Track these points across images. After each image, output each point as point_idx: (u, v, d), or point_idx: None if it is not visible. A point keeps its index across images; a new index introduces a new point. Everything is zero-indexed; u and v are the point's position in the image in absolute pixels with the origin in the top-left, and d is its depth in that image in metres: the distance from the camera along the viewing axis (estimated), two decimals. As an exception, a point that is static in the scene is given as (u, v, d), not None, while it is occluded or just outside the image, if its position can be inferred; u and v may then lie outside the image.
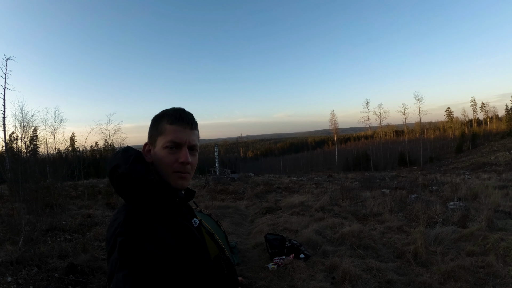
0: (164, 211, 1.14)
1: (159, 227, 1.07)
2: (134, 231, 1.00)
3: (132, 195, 1.11)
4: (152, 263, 0.96)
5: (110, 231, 1.06)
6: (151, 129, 1.24)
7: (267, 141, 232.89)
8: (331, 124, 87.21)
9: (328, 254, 6.19)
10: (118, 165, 1.13)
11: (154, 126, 1.23)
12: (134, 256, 0.94)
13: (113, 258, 0.96)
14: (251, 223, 10.31)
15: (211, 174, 31.23)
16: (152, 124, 1.25)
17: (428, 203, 10.25)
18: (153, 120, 1.25)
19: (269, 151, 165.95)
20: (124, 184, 1.12)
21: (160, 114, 1.25)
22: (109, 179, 1.17)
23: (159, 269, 0.97)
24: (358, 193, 14.24)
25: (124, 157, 1.16)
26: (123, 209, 1.11)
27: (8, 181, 10.60)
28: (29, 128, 23.06)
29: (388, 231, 7.68)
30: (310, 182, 23.08)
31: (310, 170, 71.43)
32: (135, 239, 0.98)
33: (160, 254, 0.99)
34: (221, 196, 17.21)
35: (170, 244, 1.06)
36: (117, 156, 1.18)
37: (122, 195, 1.15)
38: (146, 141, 1.26)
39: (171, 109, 1.24)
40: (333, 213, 10.05)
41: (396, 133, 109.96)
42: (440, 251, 5.91)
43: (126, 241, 0.97)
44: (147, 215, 1.08)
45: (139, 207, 1.10)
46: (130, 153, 1.18)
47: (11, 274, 5.76)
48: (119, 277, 0.91)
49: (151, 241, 1.00)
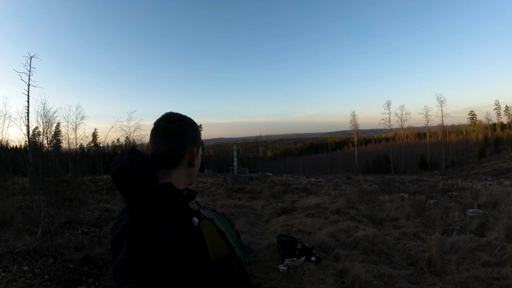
0: (168, 212, 1.15)
1: (164, 229, 1.08)
2: (141, 234, 1.01)
3: (138, 197, 1.12)
4: (160, 268, 0.97)
5: (116, 232, 1.06)
6: (197, 136, 1.35)
7: (286, 141, 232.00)
8: (351, 125, 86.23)
9: (340, 258, 6.14)
10: (124, 166, 1.13)
11: (198, 135, 1.35)
12: (143, 262, 0.95)
13: (119, 260, 0.96)
14: (266, 223, 10.31)
15: (229, 173, 31.31)
16: (198, 132, 1.35)
17: (447, 209, 10.05)
18: (196, 128, 1.36)
19: (288, 151, 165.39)
20: (130, 186, 1.12)
21: (195, 123, 1.37)
22: (113, 180, 1.18)
23: (167, 273, 0.98)
24: (376, 196, 14.07)
25: (131, 158, 1.16)
26: (128, 210, 1.12)
27: (29, 175, 10.86)
28: (51, 124, 23.65)
29: (403, 237, 7.56)
30: (328, 184, 22.89)
31: (329, 171, 70.90)
32: (143, 243, 0.99)
33: (166, 258, 1.00)
34: (238, 195, 17.29)
35: (175, 246, 1.07)
36: (123, 157, 1.18)
37: (127, 196, 1.15)
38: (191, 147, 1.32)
39: (192, 119, 1.36)
40: (348, 216, 9.95)
41: (417, 135, 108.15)
42: (455, 260, 5.77)
43: (133, 244, 0.98)
44: (153, 216, 1.09)
45: (144, 208, 1.10)
46: (137, 155, 1.19)
47: (28, 264, 5.97)
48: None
49: (158, 245, 1.01)
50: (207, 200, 14.07)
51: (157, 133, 1.26)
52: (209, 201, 13.95)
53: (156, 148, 1.24)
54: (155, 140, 1.25)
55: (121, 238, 1.01)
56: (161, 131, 1.25)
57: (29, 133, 26.50)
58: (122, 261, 0.95)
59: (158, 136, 1.25)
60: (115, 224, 1.11)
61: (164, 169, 1.26)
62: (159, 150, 1.24)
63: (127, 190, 1.14)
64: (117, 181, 1.16)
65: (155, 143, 1.25)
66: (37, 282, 5.32)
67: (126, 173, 1.12)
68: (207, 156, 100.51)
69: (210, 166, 70.04)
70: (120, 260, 0.96)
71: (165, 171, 1.25)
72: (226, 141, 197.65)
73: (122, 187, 1.15)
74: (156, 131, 1.26)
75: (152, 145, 1.26)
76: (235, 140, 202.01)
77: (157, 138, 1.25)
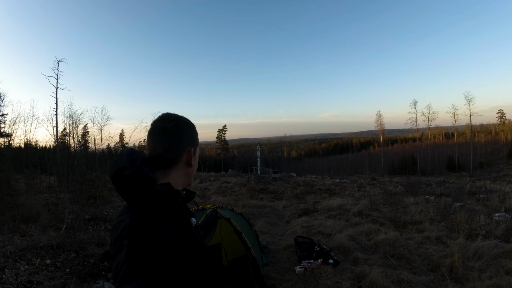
0: (167, 212, 1.15)
1: (164, 229, 1.08)
2: (142, 235, 1.02)
3: (137, 197, 1.12)
4: (160, 268, 0.97)
5: (116, 233, 1.07)
6: (194, 136, 1.35)
7: (311, 141, 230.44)
8: (377, 125, 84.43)
9: (358, 262, 6.05)
10: (123, 167, 1.13)
11: (195, 135, 1.36)
12: (144, 263, 0.96)
13: (120, 260, 0.97)
14: (286, 224, 10.28)
15: (253, 173, 31.37)
16: (195, 133, 1.36)
17: (473, 213, 9.74)
18: (194, 128, 1.37)
19: (313, 151, 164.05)
20: (130, 187, 1.12)
21: (192, 123, 1.37)
22: (112, 181, 1.18)
23: (167, 274, 0.99)
24: (400, 198, 13.80)
25: (130, 159, 1.16)
26: (127, 211, 1.12)
27: (54, 173, 11.18)
28: (77, 125, 24.59)
29: (426, 241, 7.38)
30: (352, 185, 22.62)
31: (354, 172, 70.04)
32: (143, 244, 0.99)
33: (166, 258, 1.01)
34: (260, 195, 17.28)
35: (174, 247, 1.08)
36: (122, 158, 1.18)
37: (126, 197, 1.16)
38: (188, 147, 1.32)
39: (189, 119, 1.36)
40: (370, 218, 9.79)
41: (445, 135, 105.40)
42: (478, 267, 5.57)
43: (134, 245, 0.99)
44: (153, 217, 1.09)
45: (144, 209, 1.11)
46: (136, 156, 1.19)
47: (51, 257, 6.21)
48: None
49: (158, 246, 1.01)
50: (229, 200, 14.13)
51: (154, 134, 1.26)
52: (231, 201, 14.02)
53: (153, 149, 1.25)
54: (152, 141, 1.26)
55: (121, 239, 1.02)
56: (158, 131, 1.26)
57: (58, 134, 27.40)
58: (122, 262, 0.96)
59: (155, 137, 1.25)
60: (114, 225, 1.12)
61: (163, 170, 1.26)
62: (156, 150, 1.24)
63: (126, 191, 1.14)
64: (116, 182, 1.16)
65: (152, 143, 1.25)
66: (58, 275, 5.52)
67: (125, 174, 1.12)
68: (231, 156, 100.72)
69: (234, 166, 70.27)
70: (121, 261, 0.96)
71: (163, 171, 1.26)
72: (251, 142, 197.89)
73: (121, 188, 1.15)
74: (153, 131, 1.27)
75: (150, 145, 1.26)
76: (259, 141, 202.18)
77: (154, 138, 1.25)
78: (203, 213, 5.29)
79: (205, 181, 25.39)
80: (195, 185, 21.08)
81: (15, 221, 8.56)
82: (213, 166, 73.61)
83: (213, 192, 18.11)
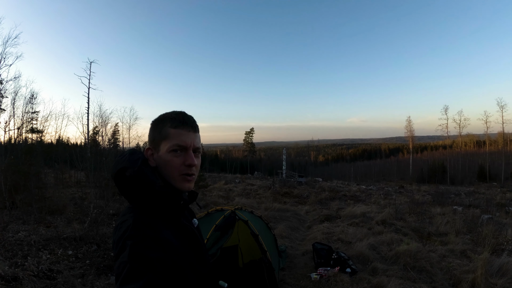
0: (169, 213, 1.17)
1: (166, 230, 1.10)
2: (144, 236, 1.03)
3: (139, 198, 1.14)
4: (162, 269, 0.99)
5: (118, 233, 1.07)
6: (152, 133, 1.26)
7: (339, 146, 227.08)
8: (406, 131, 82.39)
9: (377, 272, 5.93)
10: (125, 167, 1.15)
11: (156, 130, 1.24)
12: (146, 263, 0.97)
13: (122, 261, 0.98)
14: (308, 229, 10.23)
15: (278, 176, 31.29)
16: (153, 128, 1.26)
17: (500, 226, 9.39)
18: (153, 124, 1.27)
19: (340, 156, 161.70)
20: (132, 187, 1.14)
21: (160, 118, 1.27)
22: (114, 181, 1.20)
23: (169, 274, 1.01)
24: (427, 208, 13.46)
25: (132, 160, 1.18)
26: (130, 212, 1.13)
27: (82, 169, 11.53)
28: (106, 124, 25.53)
29: (449, 255, 7.16)
30: (379, 192, 22.21)
31: (381, 179, 68.77)
32: (146, 244, 1.01)
33: (168, 259, 1.03)
34: (284, 198, 17.23)
35: (176, 248, 1.10)
36: (123, 158, 1.19)
37: (128, 197, 1.17)
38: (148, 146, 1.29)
39: (172, 113, 1.26)
40: (394, 228, 9.57)
41: (476, 143, 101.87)
42: (501, 285, 5.33)
43: (136, 246, 1.00)
44: (155, 218, 1.11)
45: (146, 210, 1.13)
46: (137, 156, 1.20)
47: (73, 249, 6.47)
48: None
49: (160, 246, 1.03)
50: (253, 202, 14.12)
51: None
52: (255, 203, 14.01)
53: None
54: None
55: (124, 239, 1.02)
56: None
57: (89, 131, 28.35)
58: (125, 262, 0.97)
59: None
60: (117, 225, 1.13)
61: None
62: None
63: (128, 192, 1.16)
64: (118, 183, 1.18)
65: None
66: (78, 265, 5.74)
67: (127, 174, 1.14)
68: (258, 159, 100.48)
69: (260, 169, 70.03)
70: (123, 261, 0.97)
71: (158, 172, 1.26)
72: (278, 145, 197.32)
73: (123, 189, 1.17)
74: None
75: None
76: (286, 144, 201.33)
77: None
78: (222, 214, 5.31)
79: (230, 182, 25.51)
80: (220, 186, 21.22)
81: (42, 213, 8.91)
82: (239, 168, 73.77)
83: (237, 194, 18.15)
